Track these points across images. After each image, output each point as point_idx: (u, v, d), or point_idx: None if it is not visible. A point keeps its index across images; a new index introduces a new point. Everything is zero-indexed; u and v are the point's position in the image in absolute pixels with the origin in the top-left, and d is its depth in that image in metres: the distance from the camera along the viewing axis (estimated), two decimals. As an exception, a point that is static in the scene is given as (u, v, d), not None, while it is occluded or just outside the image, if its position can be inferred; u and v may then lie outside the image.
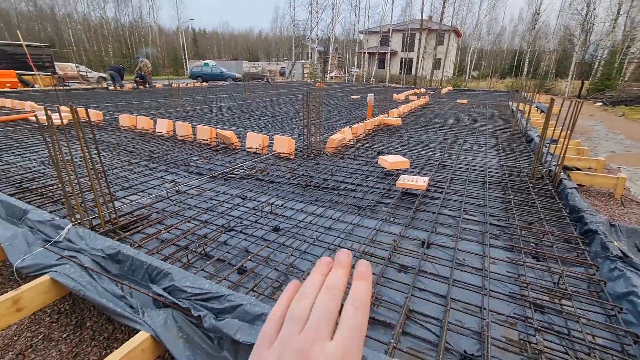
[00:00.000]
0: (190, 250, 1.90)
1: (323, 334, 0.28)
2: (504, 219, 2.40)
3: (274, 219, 2.31)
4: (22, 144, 4.23)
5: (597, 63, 19.84)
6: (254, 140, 3.97)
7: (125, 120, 5.23)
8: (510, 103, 9.51)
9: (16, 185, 2.80)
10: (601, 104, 14.29)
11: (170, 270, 1.55)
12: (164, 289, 1.50)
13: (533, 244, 2.07)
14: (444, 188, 2.92)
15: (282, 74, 31.56)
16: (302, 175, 3.22)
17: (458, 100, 10.47)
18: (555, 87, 21.82)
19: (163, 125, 4.77)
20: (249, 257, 1.83)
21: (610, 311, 1.50)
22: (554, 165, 3.17)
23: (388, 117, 6.09)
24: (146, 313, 1.42)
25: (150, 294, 1.50)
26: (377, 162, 3.53)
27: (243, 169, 3.38)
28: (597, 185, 3.43)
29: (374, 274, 1.75)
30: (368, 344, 1.30)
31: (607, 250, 1.81)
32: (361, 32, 33.98)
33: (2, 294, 1.54)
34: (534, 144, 4.38)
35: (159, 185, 2.89)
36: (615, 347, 1.34)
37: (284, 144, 3.73)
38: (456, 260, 1.87)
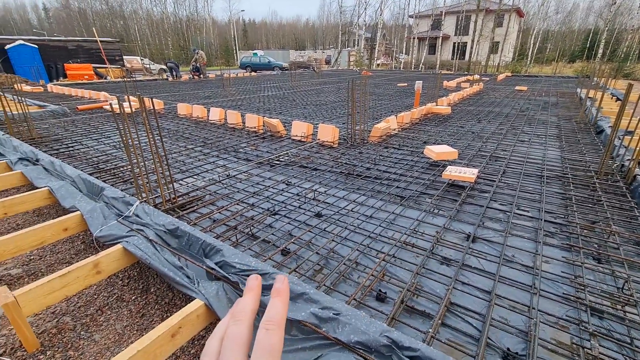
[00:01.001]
0: (238, 231, 2.04)
1: None
2: (562, 216, 2.22)
3: (316, 205, 2.38)
4: (98, 129, 4.77)
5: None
6: (299, 128, 4.06)
7: (182, 108, 5.64)
8: (578, 90, 8.53)
9: (94, 166, 3.20)
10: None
11: (222, 247, 1.69)
12: (216, 264, 1.64)
13: (596, 245, 1.90)
14: (494, 181, 2.76)
15: (327, 62, 31.44)
16: (345, 163, 3.24)
17: (517, 87, 9.64)
18: (638, 71, 19.03)
19: (215, 114, 5.06)
20: (292, 240, 1.92)
21: (685, 323, 1.34)
22: (627, 160, 2.83)
23: (437, 105, 5.82)
24: (201, 284, 1.57)
25: (204, 267, 1.65)
26: (422, 152, 3.43)
27: (288, 156, 3.49)
28: (682, 184, 2.99)
29: (414, 264, 1.74)
30: (406, 331, 1.32)
31: (687, 257, 1.60)
32: (411, 17, 32.43)
33: (85, 259, 1.80)
34: (604, 136, 3.92)
35: (211, 170, 3.11)
36: (688, 362, 1.20)
37: (328, 132, 3.77)
38: (504, 256, 1.79)
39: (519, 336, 1.31)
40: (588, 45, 30.13)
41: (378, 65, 30.06)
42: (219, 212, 2.28)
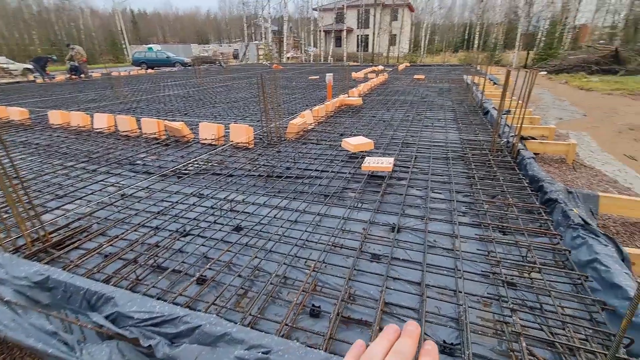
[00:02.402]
0: (139, 264, 1.67)
1: None
2: (470, 194, 2.41)
3: (234, 217, 2.13)
4: None
5: (540, 34, 21.02)
6: (208, 130, 3.66)
7: (56, 117, 4.62)
8: (465, 76, 9.77)
9: None
10: (545, 72, 15.22)
11: (113, 294, 1.33)
12: (107, 317, 1.28)
13: (499, 218, 2.09)
14: (409, 167, 2.88)
15: (235, 56, 30.08)
16: (263, 165, 3.02)
17: (415, 76, 10.58)
18: (504, 59, 22.91)
19: (102, 121, 4.27)
20: (208, 265, 1.64)
21: (577, 280, 1.52)
22: (511, 136, 3.25)
23: (349, 97, 5.96)
24: (85, 349, 1.20)
25: (90, 326, 1.28)
26: (340, 145, 3.41)
27: (198, 163, 3.10)
28: (550, 153, 3.60)
29: (345, 267, 1.65)
30: (346, 349, 1.20)
31: (568, 219, 1.85)
32: (315, 10, 33.10)
33: None
34: (490, 116, 4.49)
35: (99, 191, 2.56)
36: (585, 317, 1.35)
37: (242, 133, 3.48)
38: (427, 242, 1.83)
39: (452, 326, 1.32)
40: (466, 37, 35.03)
41: (288, 58, 29.97)
42: (112, 245, 1.85)
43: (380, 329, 1.31)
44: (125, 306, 1.27)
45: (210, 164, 3.08)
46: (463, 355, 1.18)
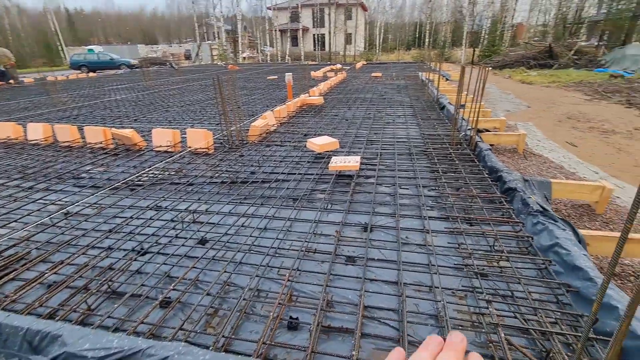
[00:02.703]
0: (90, 292, 1.48)
1: None
2: (435, 188, 2.46)
3: (198, 230, 1.98)
4: None
5: (483, 32, 22.54)
6: (163, 137, 3.41)
7: (-20, 129, 4.05)
8: (419, 73, 10.15)
9: None
10: (490, 68, 16.32)
11: (60, 331, 1.16)
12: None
13: (465, 210, 2.15)
14: (375, 165, 2.89)
15: (187, 57, 28.78)
16: (226, 171, 2.87)
17: (373, 74, 10.80)
18: (453, 56, 24.25)
19: (37, 131, 3.81)
20: (172, 285, 1.50)
21: (541, 265, 1.60)
22: (468, 129, 3.39)
23: (310, 96, 5.91)
24: (28, 402, 1.03)
25: (32, 373, 1.10)
26: (305, 146, 3.35)
27: (153, 173, 2.87)
28: (503, 143, 3.82)
29: (321, 273, 1.59)
30: (329, 363, 1.14)
31: (528, 206, 1.94)
32: (269, 8, 32.64)
33: None
34: (446, 111, 4.68)
35: (38, 210, 2.26)
36: (552, 300, 1.42)
37: (200, 138, 3.28)
38: (400, 240, 1.83)
39: (432, 324, 1.31)
40: (417, 35, 36.57)
41: (244, 58, 29.27)
42: (56, 272, 1.63)
43: (363, 335, 1.27)
44: (76, 344, 1.11)
45: (167, 172, 2.87)
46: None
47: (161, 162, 3.13)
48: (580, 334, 1.19)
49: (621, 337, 0.90)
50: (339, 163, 2.66)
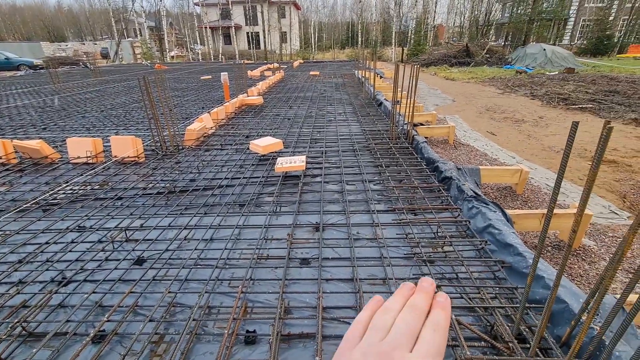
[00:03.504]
0: (-3, 340, 1.22)
1: (404, 345, 0.30)
2: (380, 182, 2.55)
3: (133, 249, 1.77)
4: None
5: (409, 32, 24.22)
6: (81, 146, 3.00)
7: None
8: (355, 71, 10.50)
9: None
10: (418, 65, 17.57)
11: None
12: None
13: (409, 201, 2.25)
14: (321, 163, 2.90)
15: (105, 56, 25.92)
16: (162, 180, 2.63)
17: (311, 73, 10.89)
18: (384, 54, 25.62)
19: None
20: (106, 316, 1.31)
21: (479, 246, 1.74)
22: (404, 124, 3.58)
23: (248, 96, 5.72)
24: None
25: None
26: (248, 148, 3.23)
27: (72, 189, 2.51)
28: (436, 135, 4.12)
29: (276, 279, 1.53)
30: (292, 374, 1.10)
31: (463, 193, 2.11)
32: (197, 4, 30.95)
33: None
34: (383, 107, 4.90)
35: None
36: (490, 277, 1.55)
37: (127, 145, 2.96)
38: (352, 236, 1.84)
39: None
40: (350, 35, 37.84)
41: (173, 57, 27.37)
42: (-55, 322, 1.31)
43: (324, 338, 1.24)
44: (-21, 410, 0.90)
45: (89, 187, 2.52)
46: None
47: (81, 175, 2.75)
48: (517, 305, 1.32)
49: (551, 304, 1.02)
50: (285, 164, 2.61)
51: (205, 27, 29.85)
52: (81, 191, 2.46)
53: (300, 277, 1.55)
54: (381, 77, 9.31)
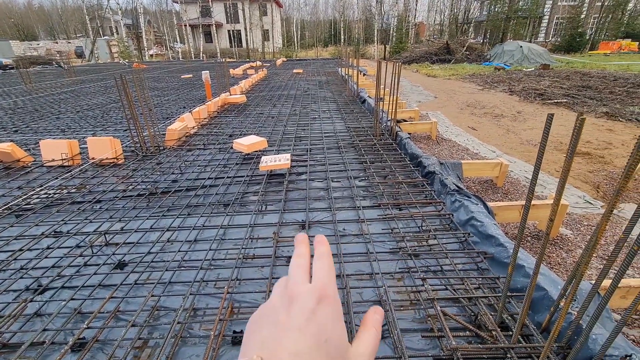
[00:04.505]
0: (-33, 354, 1.16)
1: (301, 280, 0.35)
2: (365, 178, 2.56)
3: (114, 253, 1.71)
4: None
5: (391, 30, 24.46)
6: (55, 149, 2.88)
7: None
8: (338, 69, 10.51)
9: None
10: (401, 62, 17.78)
11: None
12: None
13: (393, 196, 2.28)
14: (306, 161, 2.89)
15: (79, 55, 25.00)
16: (142, 182, 2.56)
17: (294, 70, 10.84)
18: (367, 52, 25.78)
19: None
20: (86, 323, 1.27)
21: (462, 238, 1.77)
22: (388, 121, 3.61)
23: (231, 95, 5.64)
24: None
25: None
26: (232, 147, 3.18)
27: (46, 192, 2.41)
28: (419, 131, 4.18)
29: (263, 278, 1.52)
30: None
31: (446, 187, 2.14)
32: (175, 2, 30.24)
33: None
34: (367, 104, 4.92)
35: None
36: (474, 268, 1.58)
37: (105, 147, 2.86)
38: (339, 232, 1.85)
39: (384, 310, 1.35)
40: (333, 32, 37.87)
41: (152, 56, 26.68)
42: None
43: (312, 335, 1.24)
44: None
45: (65, 191, 2.43)
46: (392, 335, 1.22)
47: (56, 178, 2.64)
48: (499, 295, 1.35)
49: (531, 292, 1.05)
50: (269, 162, 2.59)
51: (185, 25, 29.20)
52: (57, 195, 2.36)
53: (283, 275, 1.54)
54: (364, 74, 9.36)
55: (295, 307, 0.32)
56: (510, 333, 1.16)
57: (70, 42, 27.22)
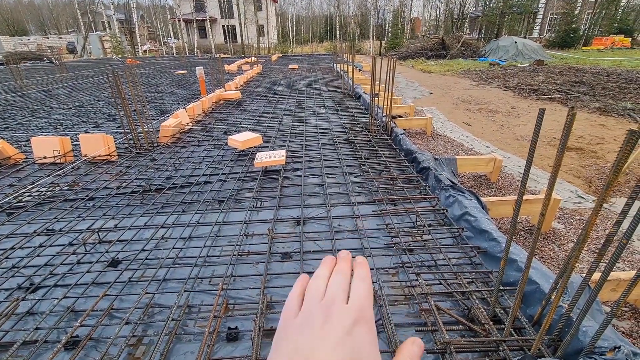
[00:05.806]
0: (-42, 353, 1.15)
1: (340, 298, 0.35)
2: (360, 174, 2.56)
3: (107, 251, 1.70)
4: None
5: (387, 25, 24.38)
6: (47, 146, 2.84)
7: None
8: (334, 65, 10.46)
9: None
10: (396, 58, 17.76)
11: None
12: None
13: (388, 192, 2.28)
14: (301, 157, 2.88)
15: (71, 51, 24.63)
16: (136, 179, 2.54)
17: (289, 66, 10.78)
18: (363, 48, 25.70)
19: None
20: (79, 321, 1.26)
21: (456, 233, 1.79)
22: (383, 116, 3.61)
23: (226, 91, 5.60)
24: None
25: None
26: (227, 144, 3.16)
27: (38, 190, 2.38)
28: (414, 127, 4.18)
29: (258, 275, 1.52)
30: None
31: (440, 182, 2.15)
32: (169, -3, 29.83)
33: None
34: (362, 100, 4.91)
35: None
36: (467, 262, 1.60)
37: (98, 144, 2.83)
38: (333, 228, 1.85)
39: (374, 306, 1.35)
40: (329, 28, 37.63)
41: (145, 51, 26.35)
42: None
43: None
44: None
45: (58, 188, 2.40)
46: (386, 330, 1.23)
47: (48, 176, 2.61)
48: (492, 289, 1.36)
49: (523, 285, 1.06)
50: (264, 159, 2.58)
51: (179, 20, 28.85)
52: (49, 193, 2.34)
53: (282, 272, 1.54)
54: (360, 70, 9.33)
55: (333, 322, 0.32)
56: (503, 326, 1.17)
57: (61, 37, 26.79)
